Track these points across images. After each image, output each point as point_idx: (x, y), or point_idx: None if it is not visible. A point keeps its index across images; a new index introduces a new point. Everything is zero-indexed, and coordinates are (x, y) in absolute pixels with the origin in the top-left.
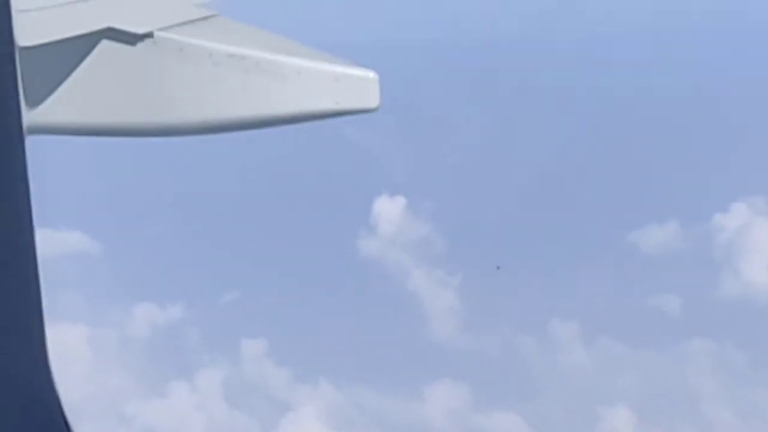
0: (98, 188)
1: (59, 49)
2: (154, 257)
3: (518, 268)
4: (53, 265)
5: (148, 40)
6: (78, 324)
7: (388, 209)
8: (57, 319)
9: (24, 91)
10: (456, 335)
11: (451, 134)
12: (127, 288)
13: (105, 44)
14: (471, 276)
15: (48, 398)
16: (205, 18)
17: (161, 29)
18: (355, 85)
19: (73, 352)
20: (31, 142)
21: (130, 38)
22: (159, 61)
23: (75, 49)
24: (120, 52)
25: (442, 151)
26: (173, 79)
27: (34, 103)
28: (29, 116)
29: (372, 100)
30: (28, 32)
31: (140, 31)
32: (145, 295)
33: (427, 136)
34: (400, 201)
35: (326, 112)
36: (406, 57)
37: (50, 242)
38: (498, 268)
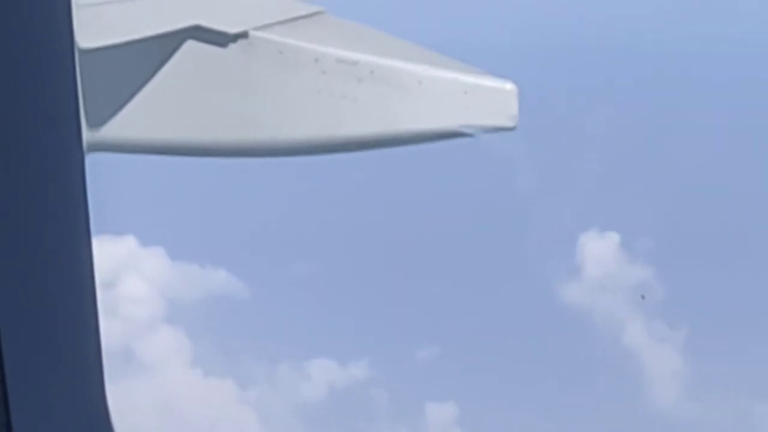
0: (228, 218)
1: (132, 52)
2: (318, 302)
3: (758, 318)
4: (196, 308)
5: (242, 41)
6: (230, 380)
7: (596, 247)
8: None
9: (86, 102)
10: (681, 403)
11: (630, 155)
12: (294, 339)
13: (190, 45)
14: (698, 329)
15: None
16: (309, 16)
17: (257, 28)
18: (489, 98)
19: (232, 414)
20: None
21: (221, 38)
22: (255, 67)
23: (152, 52)
24: (208, 55)
25: (641, 177)
26: (271, 88)
27: (100, 117)
28: (97, 133)
29: (509, 116)
30: (91, 31)
31: (233, 30)
32: (321, 348)
33: (605, 158)
34: (612, 237)
35: (453, 132)
36: (530, 60)
37: (193, 281)
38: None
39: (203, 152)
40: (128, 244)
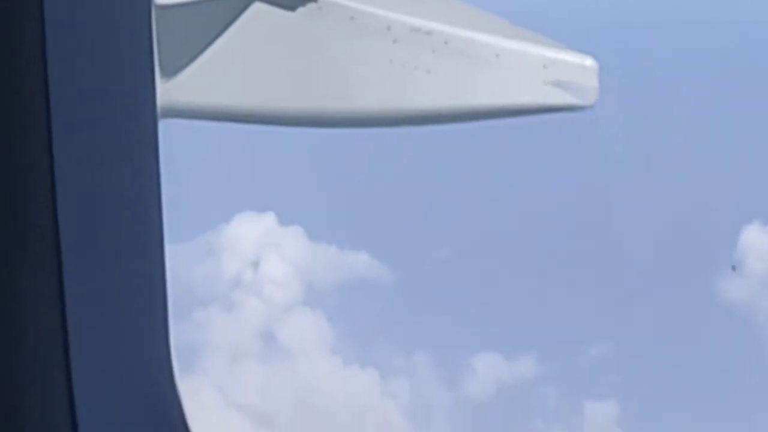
0: (363, 197)
1: (198, 12)
2: (474, 291)
3: None
4: (339, 294)
5: (311, 5)
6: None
7: (760, 241)
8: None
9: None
10: None
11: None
12: (459, 331)
13: (257, 8)
14: None
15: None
16: None
17: None
18: (568, 73)
19: (374, 405)
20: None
21: (290, 1)
22: (324, 32)
23: (218, 13)
24: (276, 18)
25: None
26: (341, 55)
27: (164, 78)
28: (166, 95)
29: (589, 93)
30: None
31: None
32: (485, 342)
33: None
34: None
35: (530, 107)
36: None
37: (335, 264)
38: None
39: (267, 120)
40: (268, 222)
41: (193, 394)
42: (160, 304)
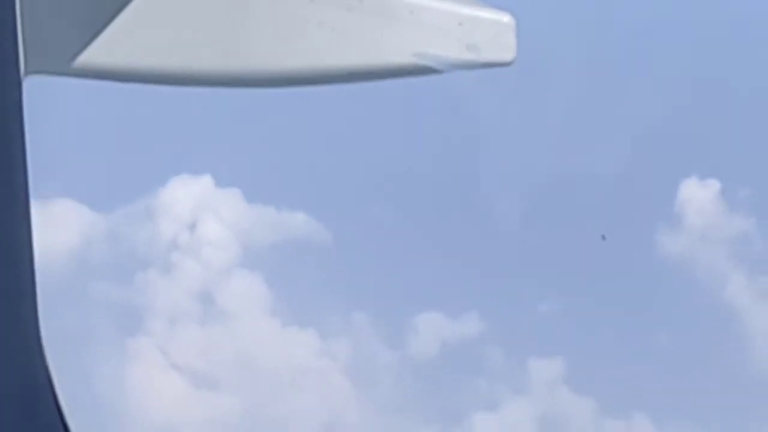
0: (296, 156)
1: None
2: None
3: None
4: (274, 253)
5: None
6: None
7: (697, 197)
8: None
9: (68, 23)
10: None
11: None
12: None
13: None
14: None
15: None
16: None
17: None
18: (485, 30)
19: (313, 366)
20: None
21: None
22: None
23: None
24: None
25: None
26: (256, 15)
27: (83, 40)
28: (80, 57)
29: (507, 50)
30: None
31: None
32: (427, 301)
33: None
34: (713, 186)
35: (446, 65)
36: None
37: (271, 225)
38: (603, 237)
39: (184, 81)
40: (205, 184)
41: (137, 356)
42: (29, 293)
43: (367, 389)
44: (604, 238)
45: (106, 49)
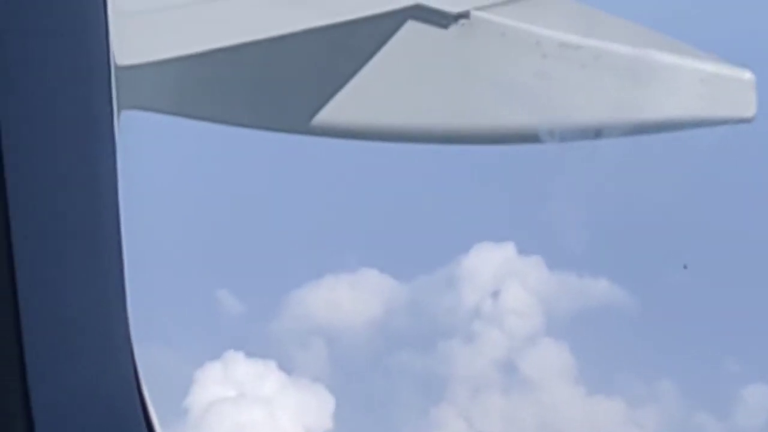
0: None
1: (352, 32)
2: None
3: None
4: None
5: (463, 22)
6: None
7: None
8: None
9: (305, 82)
10: None
11: None
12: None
13: (411, 26)
14: None
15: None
16: None
17: (479, 8)
18: (726, 87)
19: None
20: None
21: (442, 19)
22: (476, 49)
23: (372, 32)
24: (429, 35)
25: None
26: (492, 70)
27: (319, 101)
28: (316, 117)
29: (747, 106)
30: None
31: (455, 10)
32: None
33: None
34: None
35: (687, 121)
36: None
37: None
38: (685, 267)
39: (422, 138)
40: (507, 251)
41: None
42: (120, 306)
43: None
44: (685, 267)
45: (343, 108)
